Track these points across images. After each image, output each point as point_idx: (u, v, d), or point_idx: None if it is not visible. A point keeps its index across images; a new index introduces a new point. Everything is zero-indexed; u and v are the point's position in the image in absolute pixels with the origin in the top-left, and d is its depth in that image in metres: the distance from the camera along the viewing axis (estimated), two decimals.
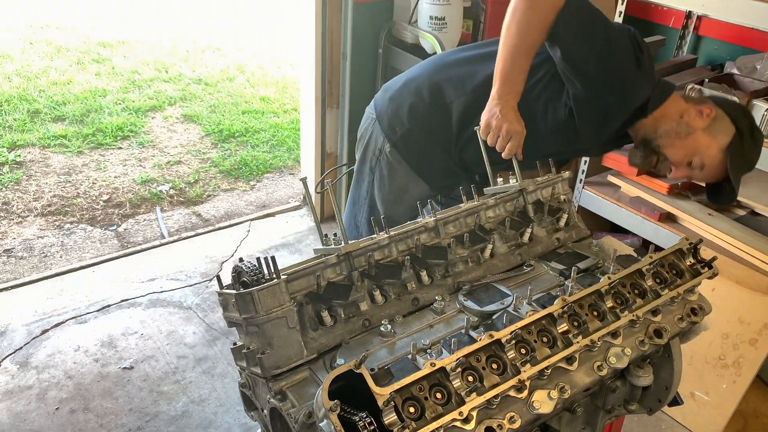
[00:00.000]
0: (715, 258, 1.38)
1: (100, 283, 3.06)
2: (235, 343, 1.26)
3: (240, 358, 1.22)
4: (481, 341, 1.06)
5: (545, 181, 1.56)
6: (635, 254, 1.45)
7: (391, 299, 1.28)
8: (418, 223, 1.37)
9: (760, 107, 2.21)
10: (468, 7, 3.05)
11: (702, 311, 1.35)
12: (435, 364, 0.99)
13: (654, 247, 1.34)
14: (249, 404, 1.38)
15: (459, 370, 1.01)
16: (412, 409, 0.97)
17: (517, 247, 1.47)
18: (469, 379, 1.03)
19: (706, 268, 1.37)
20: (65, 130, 4.36)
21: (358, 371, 0.93)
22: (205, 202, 3.85)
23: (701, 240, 1.40)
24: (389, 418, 0.93)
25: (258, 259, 1.19)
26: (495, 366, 1.07)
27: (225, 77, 5.59)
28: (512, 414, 1.04)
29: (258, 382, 1.24)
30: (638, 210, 2.69)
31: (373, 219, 1.38)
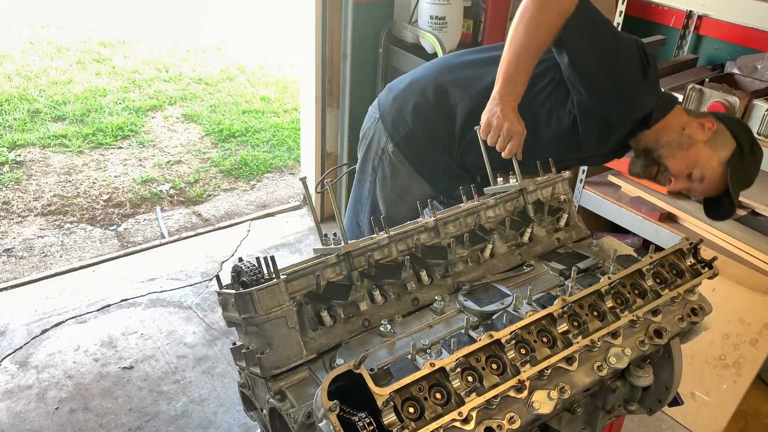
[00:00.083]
0: (715, 258, 1.38)
1: (100, 283, 3.06)
2: (234, 343, 1.26)
3: (239, 358, 1.22)
4: (481, 341, 1.06)
5: (545, 181, 1.56)
6: (635, 254, 1.45)
7: (391, 299, 1.28)
8: (417, 223, 1.37)
9: (760, 107, 2.21)
10: (468, 7, 3.05)
11: (702, 311, 1.35)
12: (434, 365, 0.99)
13: (654, 247, 1.34)
14: (248, 404, 1.38)
15: (459, 370, 1.01)
16: (411, 410, 0.97)
17: (517, 247, 1.47)
18: (469, 380, 1.03)
19: (707, 268, 1.37)
20: (65, 129, 4.36)
21: (357, 371, 0.93)
22: (205, 202, 3.85)
23: (701, 240, 1.41)
24: (389, 419, 0.93)
25: (257, 258, 1.19)
26: (495, 366, 1.06)
27: (225, 77, 5.59)
28: (512, 414, 1.04)
29: (257, 382, 1.24)
30: (638, 210, 2.69)
31: (373, 219, 1.38)
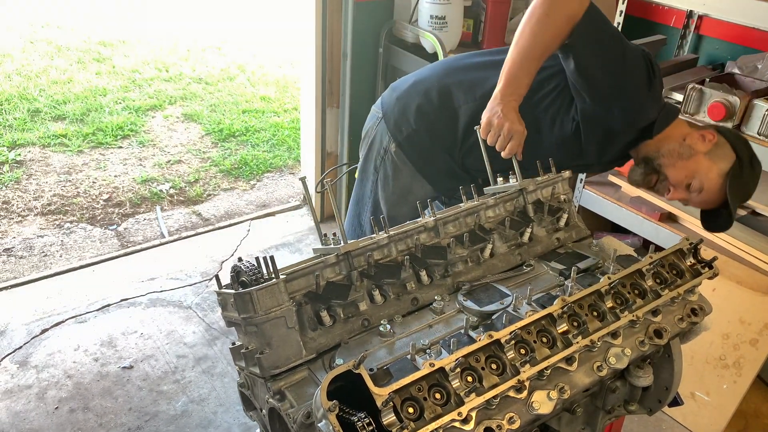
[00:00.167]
0: (715, 258, 1.38)
1: (99, 283, 3.06)
2: (234, 343, 1.26)
3: (239, 358, 1.22)
4: (481, 341, 1.05)
5: (545, 181, 1.56)
6: (635, 254, 1.45)
7: (391, 299, 1.28)
8: (417, 222, 1.37)
9: (760, 107, 2.20)
10: (468, 7, 3.04)
11: (702, 311, 1.35)
12: (434, 365, 0.99)
13: (654, 247, 1.34)
14: (248, 404, 1.38)
15: (458, 370, 1.01)
16: (411, 410, 0.96)
17: (517, 247, 1.47)
18: (469, 380, 1.03)
19: (707, 269, 1.37)
20: (65, 129, 4.36)
21: (356, 371, 0.93)
22: (205, 202, 3.85)
23: (702, 240, 1.40)
24: (388, 419, 0.93)
25: (257, 258, 1.19)
26: (494, 366, 1.06)
27: (225, 76, 5.59)
28: (511, 414, 1.04)
29: (257, 382, 1.23)
30: (639, 210, 2.69)
31: (373, 218, 1.37)
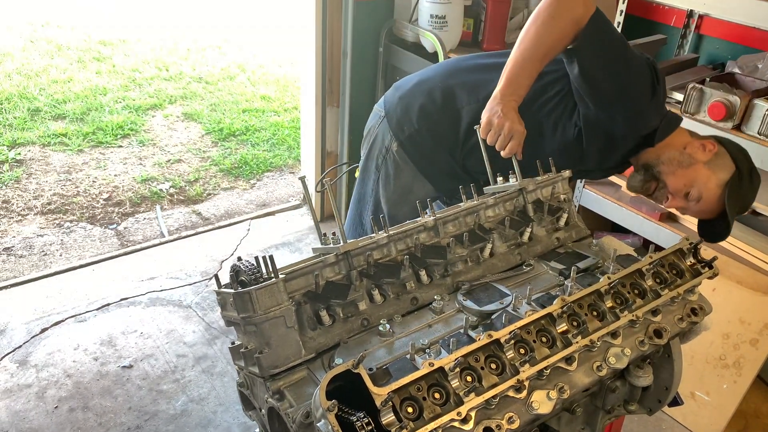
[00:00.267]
0: (715, 258, 1.38)
1: (99, 282, 3.06)
2: (233, 342, 1.26)
3: (238, 358, 1.22)
4: (480, 341, 1.05)
5: (545, 181, 1.56)
6: (635, 254, 1.45)
7: (390, 299, 1.28)
8: (417, 222, 1.37)
9: (761, 106, 2.20)
10: (469, 6, 3.04)
11: (702, 311, 1.34)
12: (433, 364, 0.99)
13: (654, 247, 1.34)
14: (247, 404, 1.38)
15: (457, 370, 1.01)
16: (410, 409, 0.96)
17: (517, 247, 1.47)
18: (468, 379, 1.03)
19: (707, 268, 1.37)
20: (65, 128, 4.36)
21: (356, 371, 0.93)
22: (205, 201, 3.84)
23: (702, 240, 1.40)
24: (387, 419, 0.93)
25: (256, 258, 1.18)
26: (494, 366, 1.06)
27: (225, 76, 5.59)
28: (511, 414, 1.04)
29: (256, 381, 1.23)
30: (639, 209, 2.69)
31: (372, 218, 1.37)
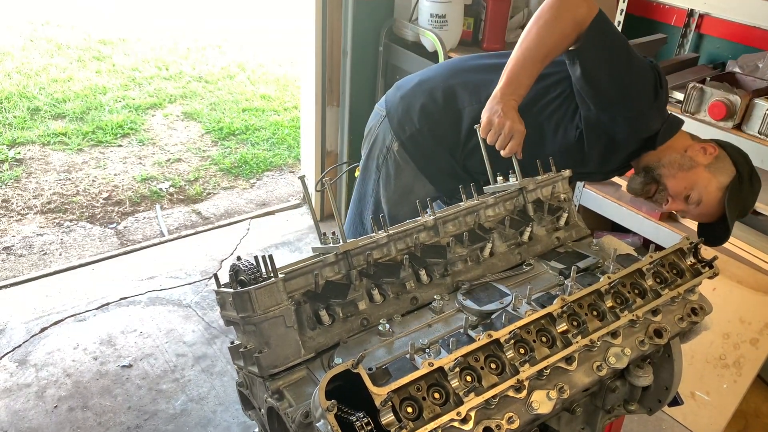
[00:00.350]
0: (715, 257, 1.38)
1: (99, 281, 3.06)
2: (233, 342, 1.26)
3: (237, 357, 1.21)
4: (480, 341, 1.05)
5: (545, 180, 1.56)
6: (635, 253, 1.44)
7: (390, 298, 1.27)
8: (417, 221, 1.37)
9: (761, 106, 2.19)
10: (469, 5, 3.04)
11: (702, 311, 1.34)
12: (433, 364, 0.98)
13: (654, 247, 1.33)
14: (247, 403, 1.37)
15: (457, 369, 1.00)
16: (409, 409, 0.96)
17: (517, 246, 1.47)
18: (468, 379, 1.02)
19: (707, 268, 1.37)
20: (65, 127, 4.35)
21: (355, 371, 0.92)
22: (205, 200, 3.84)
23: (702, 239, 1.40)
24: (387, 418, 0.92)
25: (256, 257, 1.18)
26: (494, 366, 1.06)
27: (225, 75, 5.59)
28: (511, 414, 1.04)
29: (255, 381, 1.23)
30: (639, 209, 2.68)
31: (372, 218, 1.37)
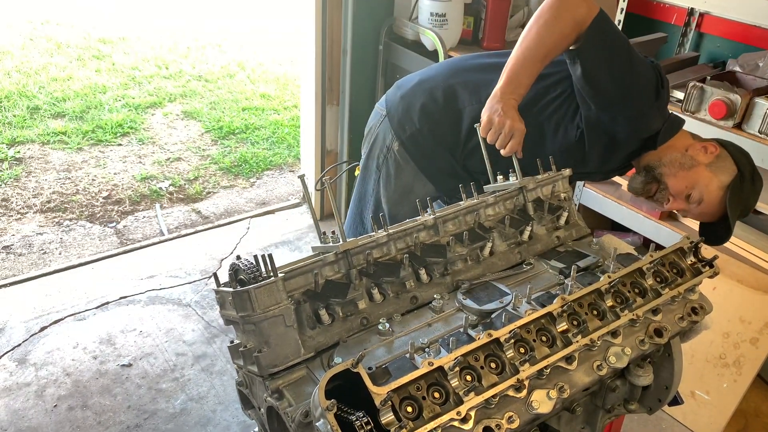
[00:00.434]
0: (716, 257, 1.38)
1: (99, 280, 3.06)
2: (232, 341, 1.25)
3: (237, 356, 1.21)
4: (480, 340, 1.05)
5: (545, 179, 1.55)
6: (636, 253, 1.44)
7: (390, 297, 1.27)
8: (417, 221, 1.36)
9: (761, 105, 2.19)
10: (469, 4, 3.03)
11: (703, 310, 1.34)
12: (433, 363, 0.98)
13: (655, 246, 1.33)
14: (246, 403, 1.37)
15: (457, 369, 1.00)
16: (409, 409, 0.96)
17: (517, 246, 1.47)
18: (468, 379, 1.02)
19: (707, 267, 1.37)
20: (65, 126, 4.35)
21: (355, 370, 0.92)
22: (205, 199, 3.84)
23: (702, 239, 1.40)
24: (386, 418, 0.92)
25: (255, 256, 1.18)
26: (494, 365, 1.06)
27: (225, 74, 5.58)
28: (511, 414, 1.04)
29: (255, 380, 1.23)
30: (639, 208, 2.68)
31: (372, 217, 1.37)
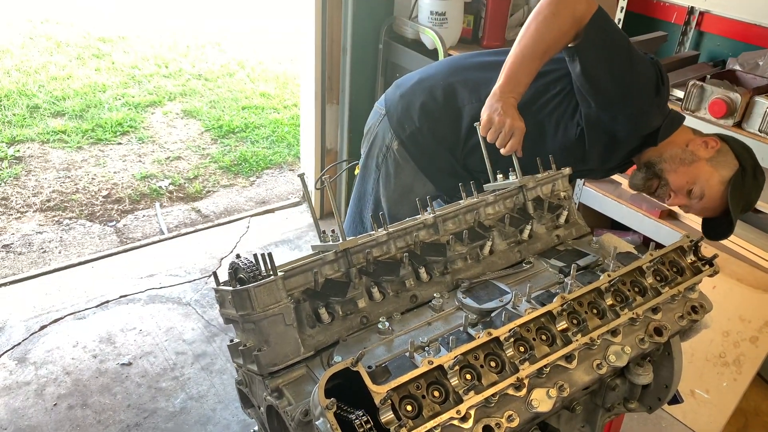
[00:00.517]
0: (716, 256, 1.38)
1: (98, 279, 3.06)
2: (232, 340, 1.25)
3: (237, 355, 1.21)
4: (480, 339, 1.05)
5: (545, 178, 1.55)
6: (636, 251, 1.44)
7: (389, 296, 1.27)
8: (416, 219, 1.36)
9: (761, 104, 2.19)
10: (469, 3, 3.03)
11: (702, 309, 1.34)
12: (433, 362, 0.98)
13: (655, 245, 1.33)
14: (246, 401, 1.37)
15: (457, 368, 1.00)
16: (409, 408, 0.96)
17: (517, 244, 1.46)
18: (467, 378, 1.02)
19: (707, 266, 1.37)
20: (65, 125, 4.35)
21: (354, 369, 0.92)
22: (205, 198, 3.84)
23: (702, 237, 1.40)
24: (386, 417, 0.92)
25: (255, 255, 1.18)
26: (493, 364, 1.06)
27: (225, 73, 5.58)
28: (511, 412, 1.04)
29: (255, 379, 1.23)
30: (639, 207, 2.68)
31: (372, 216, 1.37)
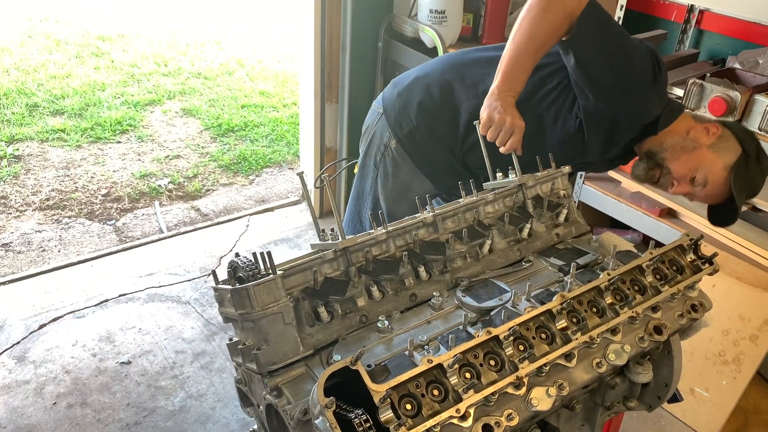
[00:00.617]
0: (715, 254, 1.37)
1: (98, 278, 3.05)
2: (231, 339, 1.25)
3: (236, 354, 1.21)
4: (479, 338, 1.05)
5: (545, 176, 1.55)
6: (635, 250, 1.44)
7: (389, 295, 1.27)
8: (416, 218, 1.36)
9: (761, 102, 2.19)
10: (468, 1, 3.03)
11: (702, 308, 1.34)
12: (432, 361, 0.98)
13: (654, 243, 1.33)
14: (245, 400, 1.37)
15: (456, 366, 1.00)
16: (408, 406, 0.96)
17: (516, 243, 1.46)
18: (467, 376, 1.02)
19: (707, 265, 1.36)
20: (64, 124, 4.34)
21: (354, 368, 0.92)
22: (204, 197, 3.84)
23: (702, 236, 1.39)
24: (385, 416, 0.92)
25: (254, 254, 1.18)
26: (493, 363, 1.06)
27: (224, 71, 5.57)
28: (510, 411, 1.04)
29: (254, 378, 1.23)
30: (639, 205, 2.68)
31: (371, 214, 1.37)
